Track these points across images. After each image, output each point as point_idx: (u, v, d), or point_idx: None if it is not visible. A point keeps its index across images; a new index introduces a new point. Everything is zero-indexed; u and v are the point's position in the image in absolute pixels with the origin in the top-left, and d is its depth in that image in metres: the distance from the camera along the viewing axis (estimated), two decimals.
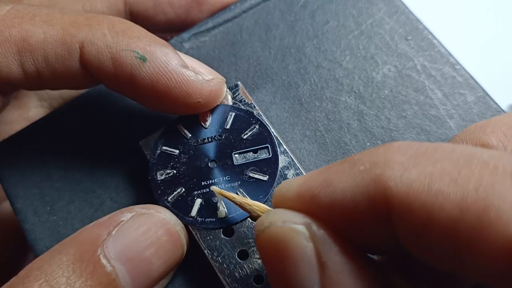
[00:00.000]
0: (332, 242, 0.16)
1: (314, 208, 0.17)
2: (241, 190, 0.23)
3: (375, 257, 0.21)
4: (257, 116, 0.24)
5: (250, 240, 0.22)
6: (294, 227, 0.17)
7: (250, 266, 0.22)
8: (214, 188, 0.22)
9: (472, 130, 0.19)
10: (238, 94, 0.25)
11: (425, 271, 0.18)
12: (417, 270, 0.18)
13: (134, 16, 0.30)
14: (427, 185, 0.14)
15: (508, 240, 0.12)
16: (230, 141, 0.24)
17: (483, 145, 0.19)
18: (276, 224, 0.17)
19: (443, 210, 0.14)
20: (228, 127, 0.24)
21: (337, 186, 0.16)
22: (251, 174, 0.23)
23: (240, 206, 0.21)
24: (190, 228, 0.23)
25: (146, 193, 0.25)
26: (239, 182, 0.23)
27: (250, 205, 0.21)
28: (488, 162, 0.14)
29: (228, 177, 0.23)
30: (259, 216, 0.20)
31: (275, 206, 0.19)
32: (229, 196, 0.22)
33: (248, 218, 0.23)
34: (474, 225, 0.13)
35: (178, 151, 0.24)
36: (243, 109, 0.25)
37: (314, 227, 0.16)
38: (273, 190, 0.23)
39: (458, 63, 0.26)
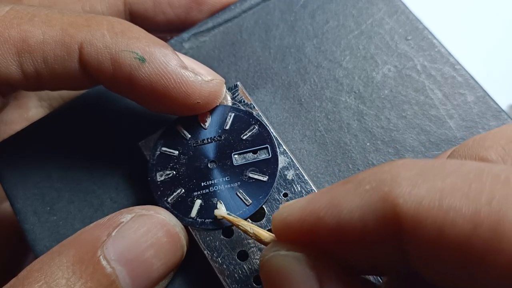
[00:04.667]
0: (334, 270, 0.16)
1: (320, 231, 0.16)
2: (241, 191, 0.23)
3: (379, 278, 0.21)
4: (257, 117, 0.24)
5: (249, 241, 0.22)
6: (296, 255, 0.17)
7: (250, 266, 0.22)
8: (216, 212, 0.22)
9: (469, 145, 0.19)
10: (238, 95, 0.25)
11: None
12: None
13: (134, 17, 0.30)
14: (438, 201, 0.14)
15: None
16: (229, 142, 0.24)
17: (482, 160, 0.18)
18: (280, 253, 0.17)
19: (455, 226, 0.13)
20: (227, 127, 0.24)
21: (344, 206, 0.16)
22: (250, 175, 0.23)
23: (245, 231, 0.21)
24: (190, 229, 0.23)
25: (145, 193, 0.25)
26: (238, 182, 0.23)
27: (256, 234, 0.21)
28: (499, 174, 0.14)
29: (227, 178, 0.23)
30: (260, 239, 0.21)
31: (276, 232, 0.19)
32: (232, 221, 0.22)
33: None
34: (488, 239, 0.13)
35: (177, 152, 0.24)
36: (242, 110, 0.25)
37: (316, 255, 0.16)
38: (273, 190, 0.23)
39: (458, 63, 0.26)
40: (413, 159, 0.16)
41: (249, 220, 0.23)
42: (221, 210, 0.22)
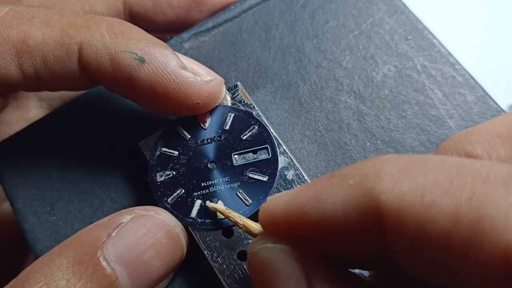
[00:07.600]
0: (320, 262, 0.16)
1: (304, 224, 0.16)
2: (241, 191, 0.23)
3: (366, 273, 0.21)
4: (257, 117, 0.24)
5: (249, 241, 0.22)
6: (283, 247, 0.17)
7: None
8: (209, 203, 0.22)
9: (456, 140, 0.19)
10: (238, 95, 0.25)
11: (415, 286, 0.18)
12: (407, 286, 0.18)
13: (134, 17, 0.30)
14: (419, 197, 0.14)
15: (503, 249, 0.12)
16: (229, 142, 0.24)
17: (468, 155, 0.18)
18: (267, 246, 0.17)
19: (436, 222, 0.13)
20: (227, 128, 0.24)
21: (327, 201, 0.16)
22: (250, 175, 0.23)
23: (235, 223, 0.21)
24: (190, 229, 0.23)
25: (145, 193, 0.25)
26: (238, 183, 0.23)
27: (245, 226, 0.21)
28: (480, 171, 0.14)
29: (227, 178, 0.23)
30: (249, 230, 0.21)
31: (262, 224, 0.19)
32: (223, 212, 0.22)
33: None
34: (468, 235, 0.13)
35: (177, 152, 0.24)
36: (242, 110, 0.25)
37: (303, 247, 0.17)
38: (273, 190, 0.23)
39: (458, 63, 0.26)
40: (398, 154, 0.16)
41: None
42: (210, 202, 0.23)
